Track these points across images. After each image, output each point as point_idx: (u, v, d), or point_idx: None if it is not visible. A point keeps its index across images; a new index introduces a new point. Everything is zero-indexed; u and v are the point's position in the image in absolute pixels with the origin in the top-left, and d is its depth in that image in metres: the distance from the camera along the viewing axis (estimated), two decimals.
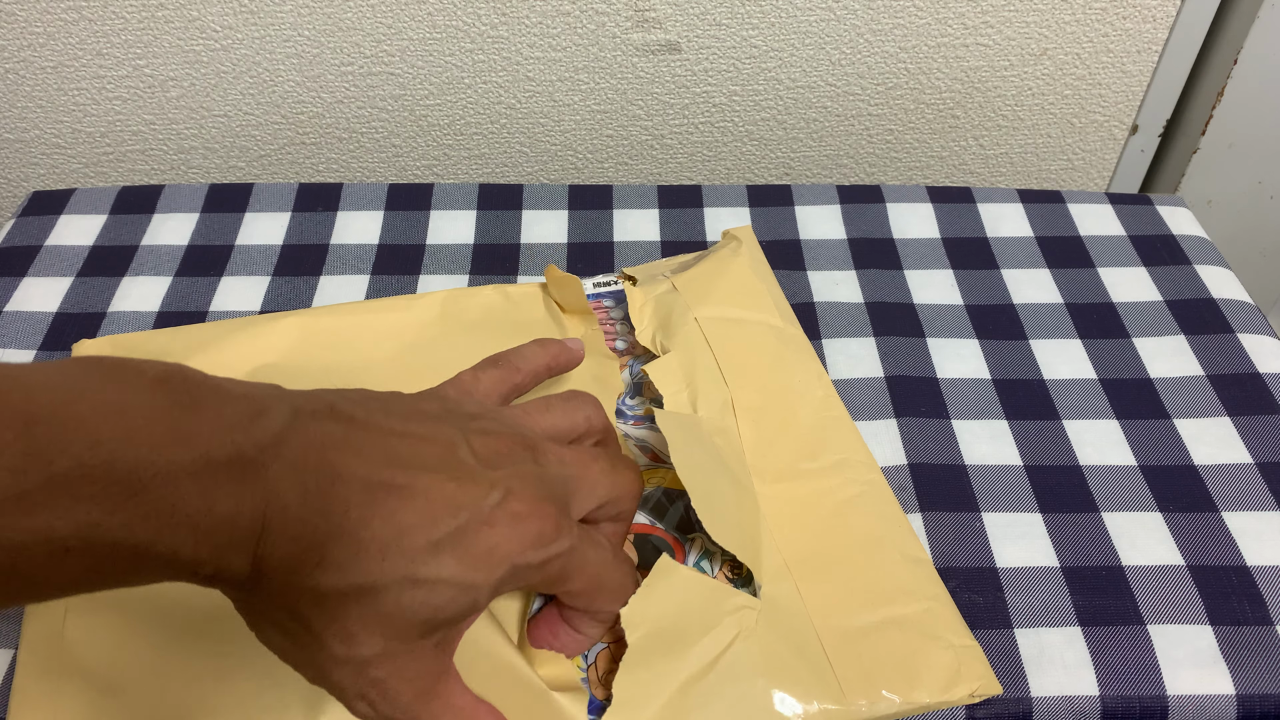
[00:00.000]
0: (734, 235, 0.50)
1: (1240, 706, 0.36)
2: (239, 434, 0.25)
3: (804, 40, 0.69)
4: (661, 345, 0.44)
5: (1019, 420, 0.45)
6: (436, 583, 0.27)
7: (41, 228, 0.54)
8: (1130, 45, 0.70)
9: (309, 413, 0.28)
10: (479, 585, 0.28)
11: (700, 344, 0.43)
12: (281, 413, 0.27)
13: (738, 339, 0.44)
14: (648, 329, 0.45)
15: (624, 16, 0.67)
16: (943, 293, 0.51)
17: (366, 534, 0.26)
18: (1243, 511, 0.41)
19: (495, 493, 0.29)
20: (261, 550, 0.25)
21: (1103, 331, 0.49)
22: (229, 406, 0.26)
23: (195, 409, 0.25)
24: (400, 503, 0.27)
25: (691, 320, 0.44)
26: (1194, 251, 0.53)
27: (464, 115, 0.73)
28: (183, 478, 0.24)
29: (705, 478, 0.37)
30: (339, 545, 0.26)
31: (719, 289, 0.46)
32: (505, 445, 0.31)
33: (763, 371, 0.44)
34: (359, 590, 0.26)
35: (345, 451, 0.27)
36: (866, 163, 0.77)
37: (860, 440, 0.43)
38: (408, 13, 0.67)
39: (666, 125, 0.74)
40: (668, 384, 0.42)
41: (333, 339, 0.45)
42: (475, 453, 0.30)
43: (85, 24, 0.68)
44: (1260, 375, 0.47)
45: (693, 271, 0.47)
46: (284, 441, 0.26)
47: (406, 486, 0.27)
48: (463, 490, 0.28)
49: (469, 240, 0.54)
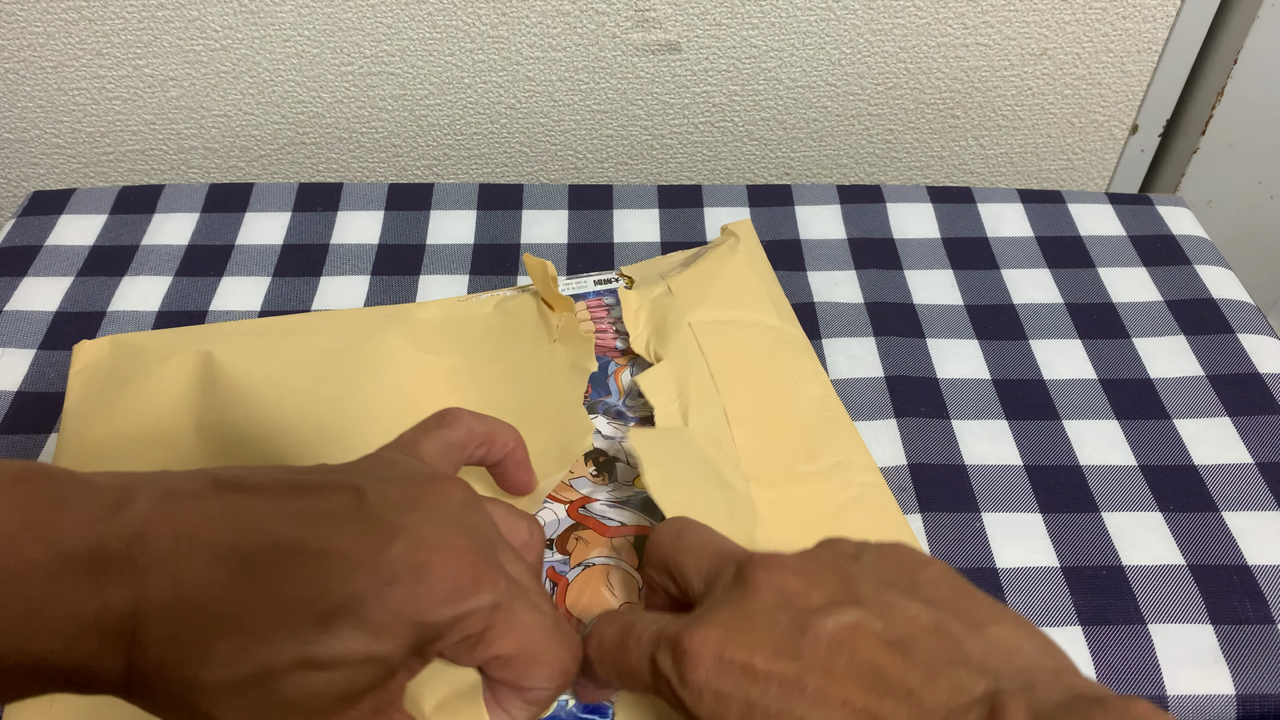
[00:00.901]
0: (732, 231, 0.50)
1: (1240, 706, 0.36)
2: (101, 526, 0.23)
3: (804, 40, 0.69)
4: (655, 353, 0.44)
5: (1019, 420, 0.45)
6: (335, 661, 0.24)
7: (42, 227, 0.54)
8: (1130, 45, 0.70)
9: (187, 493, 0.25)
10: (387, 656, 0.25)
11: (694, 351, 0.43)
12: (149, 498, 0.25)
13: (732, 342, 0.44)
14: (642, 335, 0.45)
15: (624, 16, 0.67)
16: (943, 293, 0.51)
17: (250, 619, 0.24)
18: (1243, 511, 0.41)
19: (399, 542, 0.25)
20: (136, 651, 0.23)
21: (1103, 331, 0.49)
22: (93, 499, 0.24)
23: (56, 504, 0.23)
24: (286, 574, 0.24)
25: (685, 326, 0.44)
26: (1194, 251, 0.53)
27: (464, 115, 0.73)
28: (40, 577, 0.22)
29: (682, 492, 0.37)
30: (222, 635, 0.24)
31: (714, 290, 0.46)
32: (420, 488, 0.27)
33: (758, 374, 0.43)
34: (252, 680, 0.24)
35: (226, 527, 0.25)
36: (866, 163, 0.77)
37: (859, 441, 0.42)
38: (408, 13, 0.67)
39: (666, 125, 0.74)
40: (659, 395, 0.42)
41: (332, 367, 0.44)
42: (387, 499, 0.26)
43: (85, 24, 0.68)
44: (1260, 375, 0.47)
45: (689, 272, 0.47)
46: (150, 529, 0.24)
47: (296, 552, 0.24)
48: (359, 545, 0.25)
49: (469, 240, 0.54)
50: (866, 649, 0.25)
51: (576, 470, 0.41)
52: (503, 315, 0.47)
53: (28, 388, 0.46)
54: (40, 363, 0.47)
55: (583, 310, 0.48)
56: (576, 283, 0.49)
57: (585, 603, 0.37)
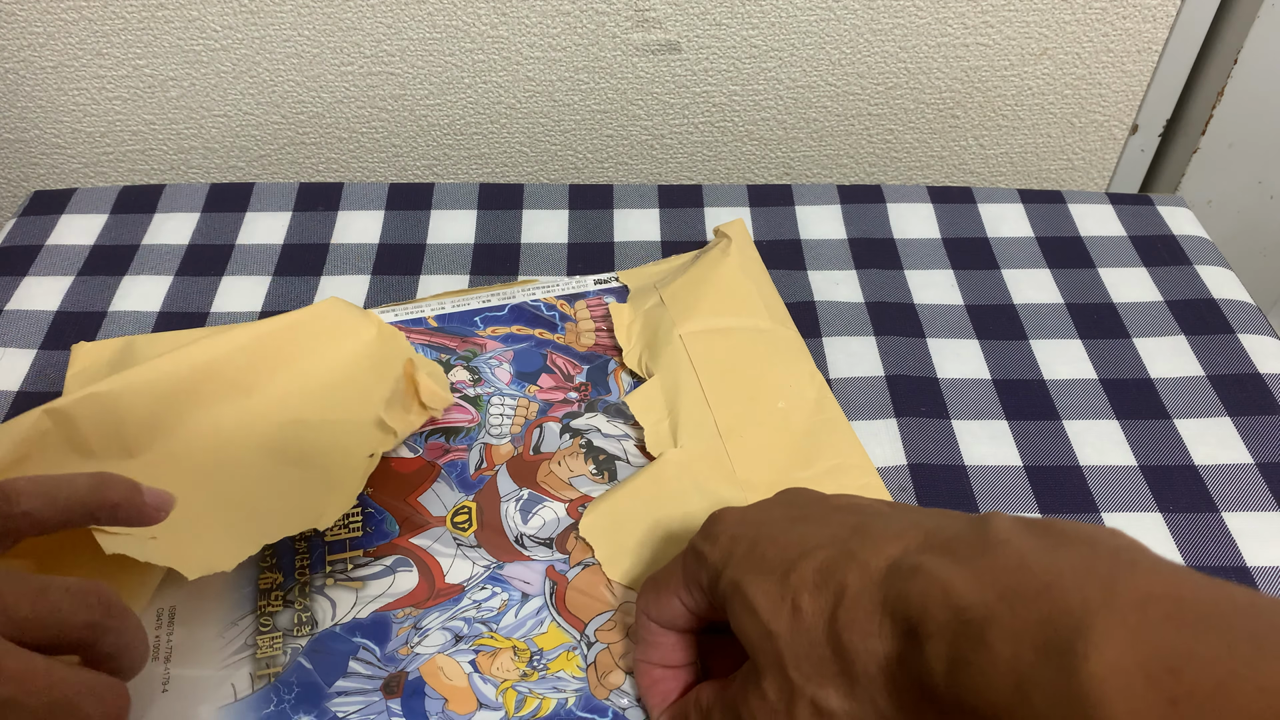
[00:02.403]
0: (724, 233, 0.50)
1: None
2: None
3: (804, 40, 0.69)
4: (647, 368, 0.44)
5: (1019, 420, 0.45)
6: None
7: (42, 227, 0.54)
8: (1130, 45, 0.70)
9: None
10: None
11: (684, 364, 0.44)
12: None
13: (724, 351, 0.44)
14: (634, 350, 0.45)
15: (624, 16, 0.67)
16: (943, 293, 0.51)
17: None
18: (1243, 512, 0.41)
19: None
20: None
21: (1103, 332, 0.49)
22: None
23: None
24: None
25: (676, 339, 0.44)
26: (1194, 252, 0.53)
27: (464, 115, 0.73)
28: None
29: (641, 564, 0.38)
30: None
31: (706, 298, 0.46)
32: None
33: (750, 382, 0.44)
34: None
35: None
36: (866, 163, 0.77)
37: (856, 442, 0.42)
38: (408, 13, 0.67)
39: (666, 125, 0.74)
40: (649, 415, 0.42)
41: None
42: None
43: (85, 24, 0.68)
44: (1260, 375, 0.47)
45: (680, 281, 0.47)
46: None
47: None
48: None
49: (469, 240, 0.54)
50: (865, 501, 0.32)
51: (576, 469, 0.41)
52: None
53: (29, 388, 0.46)
54: (41, 363, 0.47)
55: (583, 309, 0.48)
56: (576, 282, 0.49)
57: (585, 602, 0.37)
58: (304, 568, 0.38)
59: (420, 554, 0.38)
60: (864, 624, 0.25)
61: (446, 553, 0.38)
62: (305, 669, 0.35)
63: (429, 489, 0.41)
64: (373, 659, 0.35)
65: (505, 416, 0.43)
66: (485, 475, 0.41)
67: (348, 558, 0.38)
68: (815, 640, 0.26)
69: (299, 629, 0.36)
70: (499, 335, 0.47)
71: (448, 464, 0.41)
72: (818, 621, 0.26)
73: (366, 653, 0.36)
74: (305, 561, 0.38)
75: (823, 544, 0.28)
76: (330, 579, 0.38)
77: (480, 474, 0.41)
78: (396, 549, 0.39)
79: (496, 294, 0.49)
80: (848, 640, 0.25)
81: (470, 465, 0.41)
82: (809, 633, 0.26)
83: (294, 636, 0.36)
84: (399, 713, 0.34)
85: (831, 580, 0.26)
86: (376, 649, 0.36)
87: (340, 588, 0.37)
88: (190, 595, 0.37)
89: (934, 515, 0.28)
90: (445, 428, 0.43)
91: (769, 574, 0.28)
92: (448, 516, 0.40)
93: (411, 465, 0.41)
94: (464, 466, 0.41)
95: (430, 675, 0.35)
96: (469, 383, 0.45)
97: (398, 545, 0.39)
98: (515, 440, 0.42)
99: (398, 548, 0.39)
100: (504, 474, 0.41)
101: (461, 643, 0.36)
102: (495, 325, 0.47)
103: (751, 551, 0.29)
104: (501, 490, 0.41)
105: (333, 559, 0.38)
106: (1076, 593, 0.22)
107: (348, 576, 0.38)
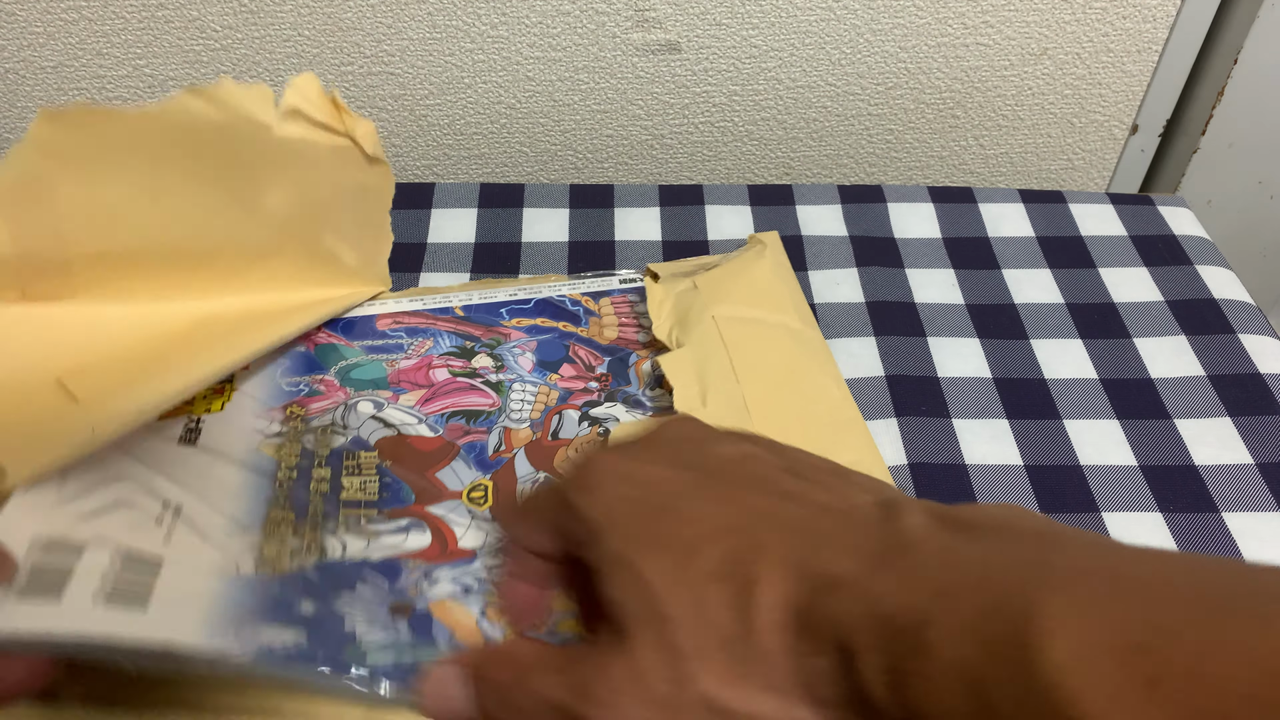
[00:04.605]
0: (759, 239, 0.50)
1: None
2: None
3: (804, 40, 0.69)
4: (677, 340, 0.45)
5: (1020, 420, 0.45)
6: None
7: None
8: (1130, 45, 0.70)
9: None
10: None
11: (715, 341, 0.44)
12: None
13: (754, 338, 0.45)
14: (665, 323, 0.46)
15: (624, 16, 0.67)
16: (944, 292, 0.51)
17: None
18: (1243, 512, 0.41)
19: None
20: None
21: (1104, 331, 0.49)
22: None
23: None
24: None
25: (709, 318, 0.45)
26: (1195, 252, 0.53)
27: (464, 115, 0.73)
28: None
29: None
30: None
31: (739, 289, 0.47)
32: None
33: (778, 371, 0.44)
34: None
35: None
36: (867, 163, 0.77)
37: (873, 445, 0.43)
38: (408, 13, 0.67)
39: (666, 125, 0.74)
40: (679, 377, 0.43)
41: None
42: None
43: (85, 24, 0.67)
44: (1261, 375, 0.47)
45: (715, 272, 0.48)
46: None
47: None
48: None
49: (470, 239, 0.54)
50: (763, 468, 0.27)
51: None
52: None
53: None
54: None
55: (606, 305, 0.48)
56: (602, 280, 0.50)
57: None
58: (317, 514, 0.38)
59: (435, 520, 0.39)
60: (782, 635, 0.23)
61: (461, 522, 0.39)
62: (310, 580, 0.35)
63: (447, 466, 0.41)
64: (380, 587, 0.36)
65: (526, 402, 0.44)
66: (503, 457, 0.42)
67: (362, 514, 0.38)
68: (725, 637, 0.24)
69: (307, 554, 0.36)
70: (524, 326, 0.47)
71: (467, 444, 0.42)
72: (724, 616, 0.24)
73: (374, 582, 0.36)
74: (319, 508, 0.38)
75: (729, 527, 0.25)
76: (343, 526, 0.38)
77: (498, 455, 0.42)
78: (411, 513, 0.39)
79: (523, 287, 0.49)
80: (767, 645, 0.23)
81: (489, 447, 0.42)
82: (717, 628, 0.24)
83: (302, 556, 0.36)
84: (406, 629, 0.34)
85: (739, 572, 0.24)
86: (386, 582, 0.36)
87: (352, 534, 0.38)
88: (198, 498, 0.36)
89: (841, 493, 0.26)
90: (466, 410, 0.43)
91: (665, 552, 0.25)
92: (464, 492, 0.40)
93: (431, 444, 0.42)
94: (483, 448, 0.42)
95: (439, 611, 0.35)
96: (492, 369, 0.45)
97: (413, 510, 0.39)
98: (534, 425, 0.43)
99: (413, 512, 0.39)
100: (522, 457, 0.42)
101: (470, 595, 0.36)
102: (520, 317, 0.48)
103: (641, 520, 0.26)
104: (519, 472, 0.41)
105: (347, 512, 0.39)
106: (1015, 580, 0.20)
107: (360, 528, 0.38)
